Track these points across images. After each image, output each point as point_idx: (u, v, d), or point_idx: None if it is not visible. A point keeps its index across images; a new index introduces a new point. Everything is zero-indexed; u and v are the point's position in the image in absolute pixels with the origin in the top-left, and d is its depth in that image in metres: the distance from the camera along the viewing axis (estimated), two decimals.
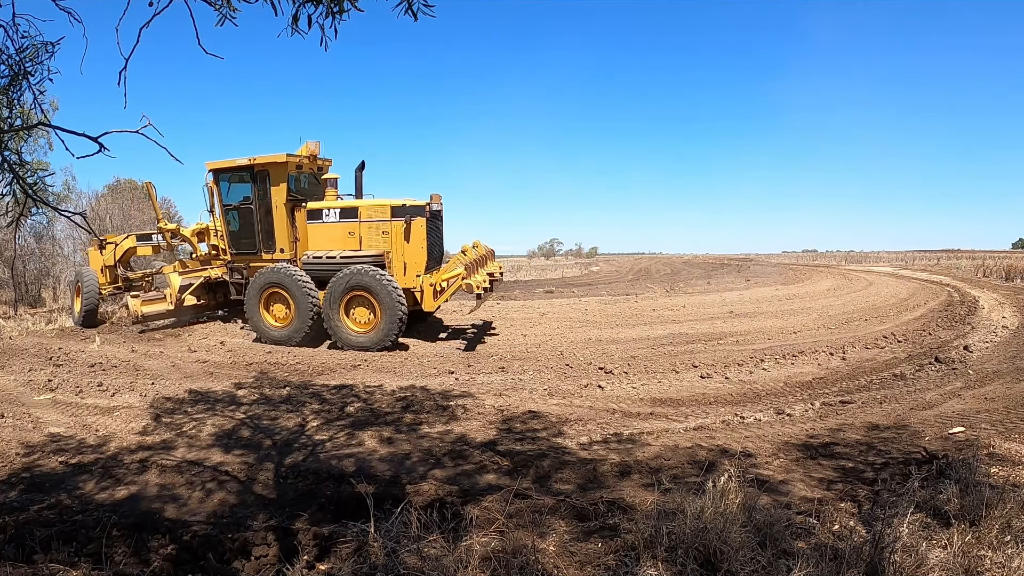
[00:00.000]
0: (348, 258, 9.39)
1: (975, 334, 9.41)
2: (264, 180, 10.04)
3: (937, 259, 40.75)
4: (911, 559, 2.57)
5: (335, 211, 9.74)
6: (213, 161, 10.36)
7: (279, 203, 10.04)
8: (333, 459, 4.57)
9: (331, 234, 9.73)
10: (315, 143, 10.32)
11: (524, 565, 2.67)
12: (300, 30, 2.40)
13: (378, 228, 9.52)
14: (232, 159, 10.19)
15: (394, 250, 9.45)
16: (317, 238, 9.85)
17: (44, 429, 5.51)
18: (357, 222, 9.61)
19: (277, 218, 10.11)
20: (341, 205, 9.83)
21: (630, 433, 5.14)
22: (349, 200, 10.23)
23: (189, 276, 11.20)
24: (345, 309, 9.24)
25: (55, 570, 2.78)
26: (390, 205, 9.51)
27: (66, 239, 20.07)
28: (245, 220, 10.55)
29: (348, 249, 9.58)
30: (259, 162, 9.92)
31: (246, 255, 10.67)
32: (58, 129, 2.44)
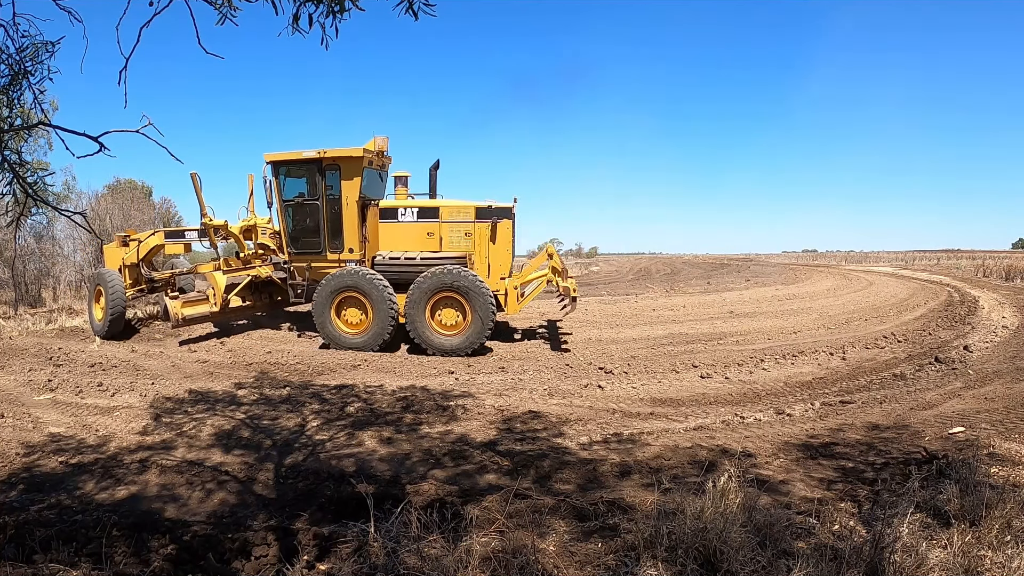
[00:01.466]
0: (429, 259, 9.04)
1: (975, 334, 9.40)
2: (334, 174, 9.32)
3: (937, 259, 40.77)
4: (911, 559, 2.57)
5: (412, 210, 9.34)
6: (273, 153, 9.51)
7: (350, 200, 9.29)
8: (333, 459, 4.57)
9: (407, 234, 9.36)
10: (383, 138, 9.66)
11: (524, 565, 2.66)
12: (301, 29, 2.40)
13: (460, 229, 9.28)
14: (296, 151, 9.46)
15: (477, 252, 9.27)
16: (390, 238, 9.43)
17: (44, 429, 5.51)
18: (438, 222, 9.29)
19: (347, 216, 9.34)
20: (420, 204, 9.46)
21: (630, 433, 5.13)
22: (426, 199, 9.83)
23: (235, 275, 10.39)
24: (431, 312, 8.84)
25: (55, 570, 2.78)
26: (474, 206, 9.31)
27: (66, 239, 20.08)
28: (308, 217, 9.71)
29: (427, 250, 9.23)
30: (330, 155, 9.20)
31: (308, 255, 9.81)
32: (58, 129, 2.44)
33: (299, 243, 9.85)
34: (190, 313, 9.73)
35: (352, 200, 9.29)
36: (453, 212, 9.33)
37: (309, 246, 9.77)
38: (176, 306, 9.48)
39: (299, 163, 9.48)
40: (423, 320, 8.76)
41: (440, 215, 9.33)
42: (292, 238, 9.87)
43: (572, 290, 9.14)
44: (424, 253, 9.18)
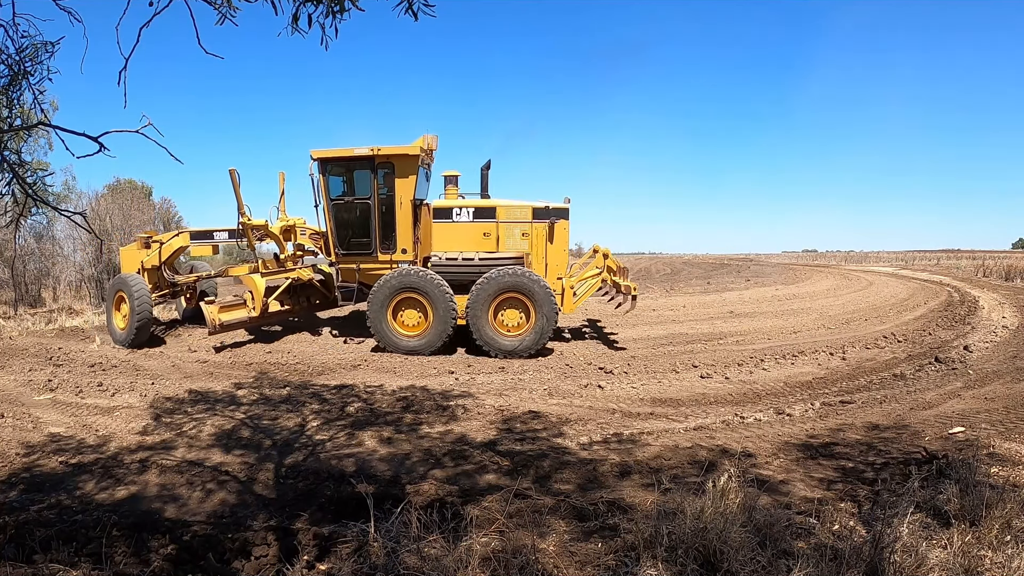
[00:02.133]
0: (488, 260, 8.98)
1: (975, 334, 9.40)
2: (388, 173, 9.10)
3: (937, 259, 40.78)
4: (911, 559, 2.57)
5: (468, 210, 9.18)
6: (320, 149, 9.14)
7: (404, 199, 9.06)
8: (333, 459, 4.57)
9: (462, 234, 9.21)
10: (432, 136, 9.33)
11: (524, 565, 2.66)
12: (300, 29, 2.40)
13: (518, 229, 9.23)
14: (346, 148, 9.15)
15: (534, 252, 9.25)
16: (444, 238, 9.24)
17: (44, 429, 5.51)
18: (495, 223, 9.20)
19: (401, 215, 9.12)
20: (476, 204, 9.33)
21: (630, 433, 5.13)
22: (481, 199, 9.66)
23: (273, 278, 9.96)
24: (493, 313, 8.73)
25: (55, 570, 2.78)
26: (532, 207, 9.30)
27: (66, 239, 20.06)
28: (358, 216, 9.41)
29: (483, 251, 9.17)
30: (384, 153, 8.95)
31: (357, 256, 9.45)
32: (58, 129, 2.44)
33: (348, 244, 9.48)
34: (228, 319, 9.29)
35: (406, 199, 9.10)
36: (510, 212, 9.27)
37: (359, 247, 9.44)
38: (213, 311, 9.07)
39: (349, 160, 9.20)
40: (486, 321, 8.62)
41: (497, 215, 9.23)
42: (340, 239, 9.48)
43: (633, 289, 9.21)
44: (482, 253, 9.12)
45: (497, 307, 8.72)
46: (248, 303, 9.64)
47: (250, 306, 9.60)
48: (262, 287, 9.53)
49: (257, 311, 9.53)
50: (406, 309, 8.89)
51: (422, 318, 8.84)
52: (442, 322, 8.62)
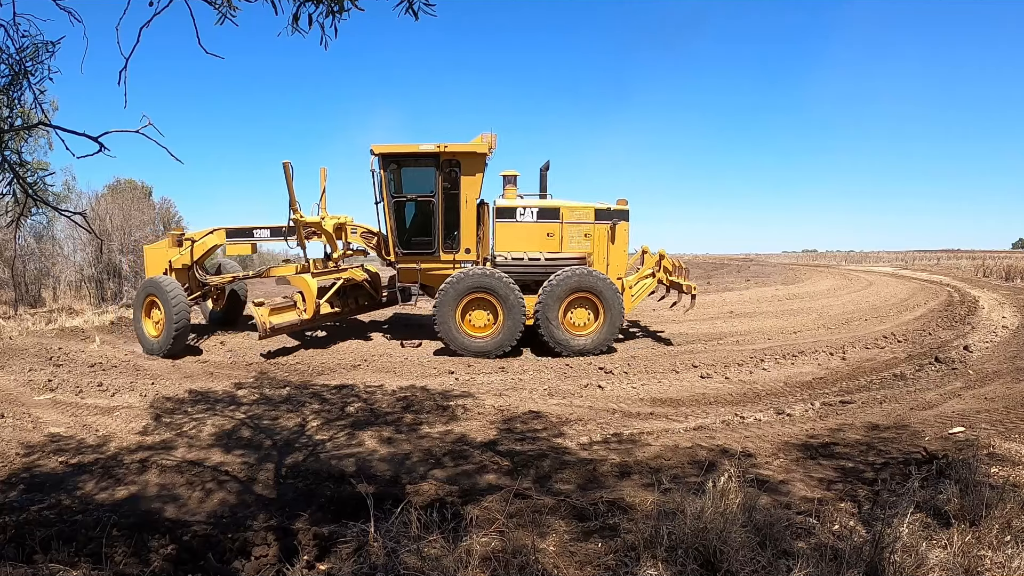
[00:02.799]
0: (553, 260, 9.00)
1: (975, 334, 9.40)
2: (453, 171, 8.93)
3: (937, 259, 40.76)
4: (911, 559, 2.57)
5: (532, 210, 9.15)
6: (383, 144, 8.90)
7: (470, 198, 8.97)
8: (333, 459, 4.57)
9: (525, 234, 9.17)
10: (492, 136, 9.09)
11: (524, 565, 2.66)
12: (300, 29, 2.40)
13: (580, 230, 9.26)
14: (410, 144, 8.98)
15: (596, 253, 9.28)
16: (507, 238, 9.16)
17: (44, 429, 5.51)
18: (559, 223, 9.19)
19: (465, 214, 9.01)
20: (540, 204, 9.30)
21: (630, 433, 5.13)
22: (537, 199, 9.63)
23: (323, 278, 9.52)
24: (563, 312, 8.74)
25: (55, 570, 2.78)
26: (594, 208, 9.33)
27: (66, 239, 20.05)
28: (421, 215, 9.25)
29: (547, 250, 9.17)
30: (451, 150, 8.78)
31: (418, 255, 9.26)
32: (58, 129, 2.44)
33: (409, 243, 9.27)
34: (278, 322, 8.81)
35: (472, 198, 9.00)
36: (574, 213, 9.27)
37: (420, 246, 9.25)
38: (263, 314, 8.61)
39: (414, 157, 9.03)
40: (557, 321, 8.61)
41: (561, 216, 9.21)
42: (401, 237, 9.24)
43: (692, 288, 9.35)
44: (546, 254, 9.11)
45: (566, 307, 8.74)
46: (298, 305, 9.15)
47: (301, 308, 9.10)
48: (314, 288, 9.05)
49: (309, 313, 9.03)
50: (475, 310, 8.72)
51: (491, 319, 8.73)
52: (514, 323, 8.55)
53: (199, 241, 9.94)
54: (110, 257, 20.23)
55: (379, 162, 8.92)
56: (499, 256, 9.05)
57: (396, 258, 9.32)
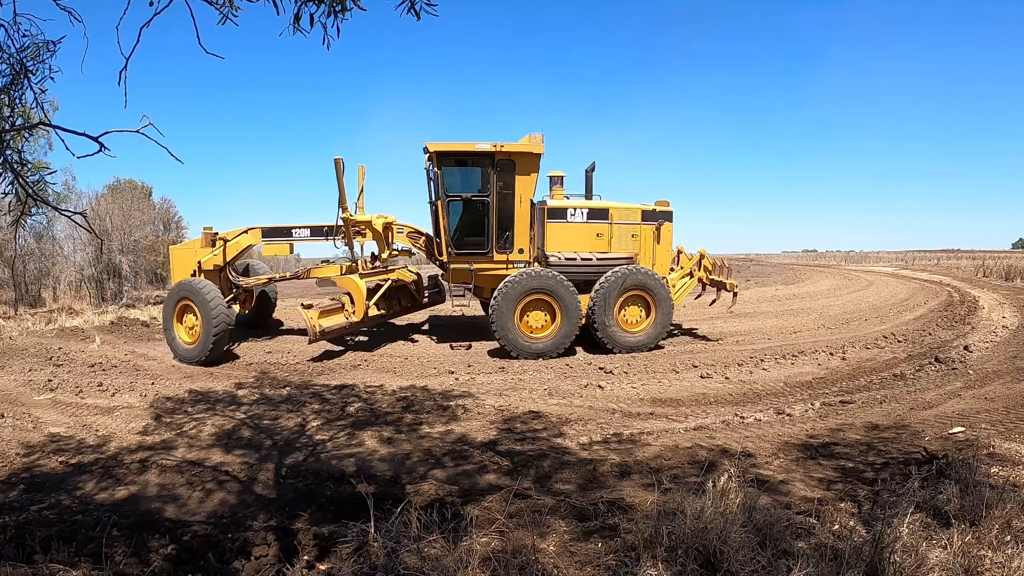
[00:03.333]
0: (605, 260, 9.12)
1: (975, 334, 9.40)
2: (509, 170, 8.90)
3: (937, 259, 40.77)
4: (911, 559, 2.57)
5: (582, 211, 9.28)
6: (438, 143, 8.82)
7: (525, 198, 8.98)
8: (333, 459, 4.57)
9: (576, 234, 9.26)
10: (539, 136, 9.07)
11: (524, 565, 2.66)
12: (302, 29, 2.40)
13: (628, 231, 9.41)
14: (465, 143, 8.90)
15: (642, 253, 9.47)
16: (558, 238, 9.22)
17: (44, 429, 5.51)
18: (608, 224, 9.32)
19: (520, 214, 9.01)
20: (589, 205, 9.45)
21: (630, 433, 5.13)
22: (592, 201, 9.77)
23: (372, 279, 9.28)
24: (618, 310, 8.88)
25: (55, 570, 2.78)
26: (641, 209, 9.53)
27: (66, 239, 20.04)
28: (474, 214, 9.16)
29: (596, 251, 9.28)
30: (506, 150, 8.76)
31: (471, 255, 9.17)
32: (59, 129, 2.44)
33: (462, 243, 9.17)
34: (328, 325, 8.53)
35: (526, 198, 9.03)
36: (622, 214, 9.42)
37: (473, 246, 9.17)
38: (313, 317, 8.31)
39: (469, 156, 8.96)
40: (612, 319, 8.74)
41: (610, 217, 9.35)
42: (455, 237, 9.15)
43: (734, 286, 9.85)
44: (597, 254, 9.22)
45: (620, 305, 8.87)
46: (346, 307, 8.91)
47: (349, 310, 8.86)
48: (364, 289, 8.83)
49: (359, 316, 8.79)
50: (532, 311, 8.73)
51: (548, 320, 8.76)
52: (571, 323, 8.62)
53: (232, 241, 9.39)
54: (110, 257, 20.23)
55: (434, 160, 8.83)
56: (552, 256, 9.07)
57: (449, 258, 9.17)
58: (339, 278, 9.24)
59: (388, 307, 9.93)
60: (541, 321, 8.74)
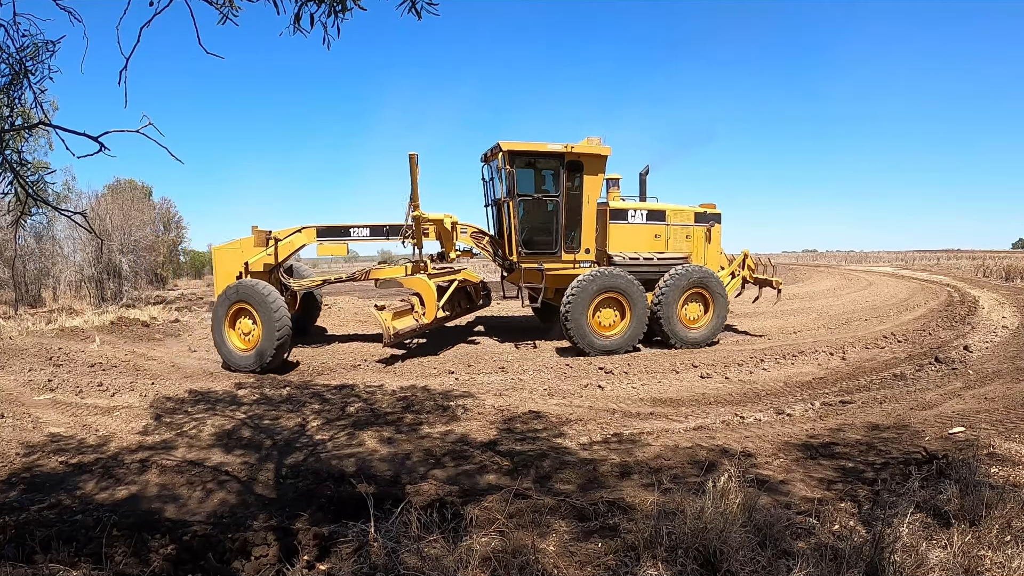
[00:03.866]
0: (665, 260, 9.49)
1: (975, 334, 9.40)
2: (577, 171, 9.07)
3: (937, 259, 40.78)
4: (911, 559, 2.57)
5: (641, 212, 9.65)
6: (512, 142, 8.85)
7: (592, 199, 9.20)
8: (334, 459, 4.57)
9: (635, 235, 9.59)
10: (597, 138, 9.23)
11: (524, 565, 2.66)
12: (302, 29, 2.40)
13: (682, 232, 9.85)
14: (537, 143, 9.00)
15: (695, 253, 9.92)
16: (619, 238, 9.52)
17: (44, 429, 5.51)
18: (665, 225, 9.74)
19: (587, 215, 9.22)
20: (648, 207, 9.81)
21: (630, 433, 5.13)
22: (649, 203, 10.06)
23: (439, 279, 9.09)
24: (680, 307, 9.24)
25: (55, 570, 2.77)
26: (694, 211, 9.98)
27: (66, 239, 20.05)
28: (545, 214, 9.24)
29: (654, 251, 9.64)
30: (576, 151, 8.94)
31: (541, 255, 9.24)
32: (58, 128, 2.44)
33: (531, 243, 9.24)
34: (401, 327, 8.29)
35: (593, 199, 9.22)
36: (677, 215, 9.85)
37: (542, 246, 9.26)
38: (387, 319, 8.09)
39: (540, 156, 9.08)
40: (675, 316, 9.08)
41: (667, 218, 9.76)
42: (524, 237, 9.19)
43: (779, 283, 10.56)
44: (657, 254, 9.59)
45: (683, 303, 9.24)
46: (416, 308, 8.71)
47: (419, 311, 8.65)
48: (434, 290, 8.63)
49: (429, 317, 8.55)
50: (603, 309, 8.92)
51: (618, 317, 8.98)
52: (639, 320, 8.87)
53: (284, 241, 8.86)
54: (110, 257, 20.23)
55: (507, 159, 8.86)
56: (616, 256, 9.35)
57: (519, 258, 9.20)
58: (407, 279, 9.00)
59: (451, 308, 9.76)
60: (611, 319, 8.96)
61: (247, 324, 8.17)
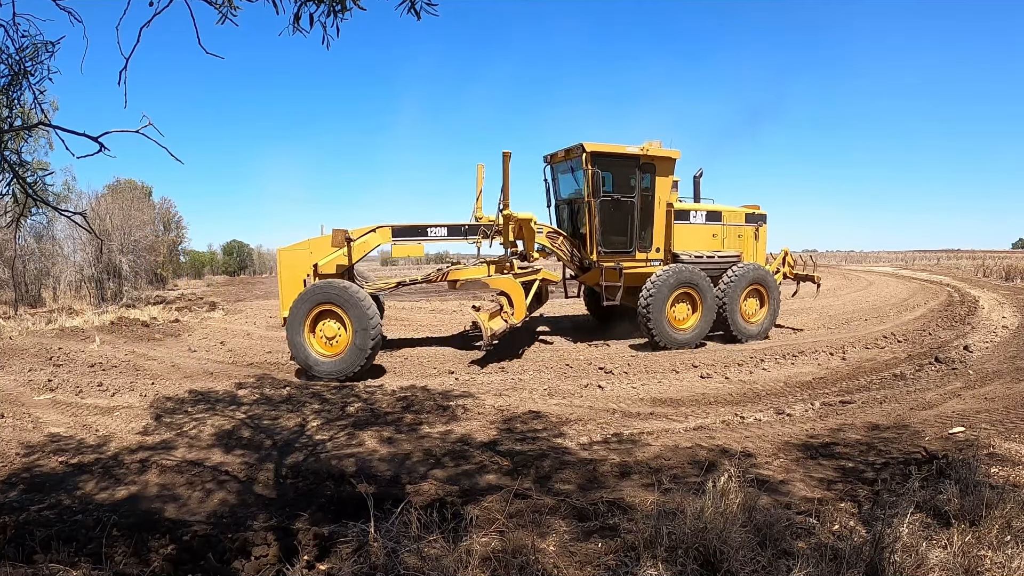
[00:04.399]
0: (724, 258, 10.06)
1: (975, 334, 9.41)
2: (651, 173, 9.45)
3: (937, 259, 40.78)
4: (911, 559, 2.57)
5: (701, 213, 10.13)
6: (595, 143, 9.05)
7: (662, 199, 9.67)
8: (333, 459, 4.57)
9: (696, 235, 10.01)
10: (657, 142, 9.51)
11: (524, 565, 2.66)
12: (302, 29, 2.40)
13: (735, 231, 10.39)
14: (616, 144, 9.24)
15: (745, 251, 10.47)
16: (682, 238, 9.92)
17: (44, 429, 5.51)
18: (721, 225, 10.23)
19: (658, 215, 9.70)
20: (707, 208, 10.27)
21: (630, 433, 5.13)
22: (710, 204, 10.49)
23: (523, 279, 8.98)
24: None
25: (55, 570, 2.77)
26: (744, 212, 10.53)
27: (66, 239, 20.05)
28: (621, 214, 9.48)
29: (712, 250, 10.12)
30: (650, 153, 9.32)
31: (618, 254, 9.52)
32: (58, 129, 2.44)
33: (609, 242, 9.49)
34: (497, 328, 8.13)
35: (664, 200, 9.68)
36: (731, 216, 10.39)
37: (619, 245, 9.56)
38: (484, 319, 7.97)
39: (618, 158, 9.31)
40: (738, 311, 9.69)
41: (723, 219, 10.28)
42: (604, 236, 9.42)
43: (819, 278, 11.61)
44: (716, 252, 10.12)
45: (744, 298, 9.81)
46: (505, 309, 8.54)
47: (508, 312, 8.47)
48: (523, 290, 8.63)
49: (519, 317, 8.45)
50: (677, 304, 9.31)
51: (690, 312, 9.43)
52: (709, 315, 9.35)
53: (358, 241, 8.38)
54: (110, 257, 20.23)
55: (590, 160, 9.01)
56: (683, 255, 9.76)
57: (599, 257, 9.42)
58: (494, 279, 8.87)
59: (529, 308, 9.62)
60: (685, 313, 9.41)
61: (331, 328, 7.61)
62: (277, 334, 10.76)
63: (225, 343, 9.91)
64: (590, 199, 9.07)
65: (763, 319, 9.99)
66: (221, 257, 42.19)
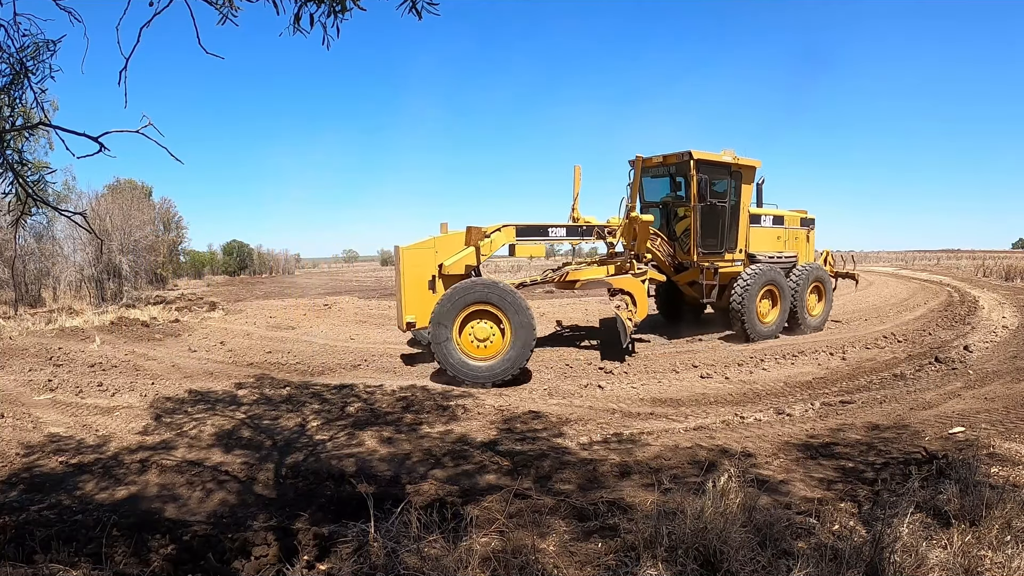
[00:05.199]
0: (789, 259, 10.96)
1: (975, 334, 9.41)
2: (738, 179, 10.08)
3: (937, 259, 40.79)
4: (911, 559, 2.57)
5: (769, 218, 11.02)
6: (701, 151, 9.59)
7: (746, 204, 10.36)
8: (333, 459, 4.57)
9: (765, 237, 10.86)
10: (731, 150, 10.05)
11: (524, 565, 2.66)
12: (302, 29, 2.40)
13: (793, 234, 11.38)
14: (715, 152, 9.82)
15: (800, 252, 11.41)
16: (755, 240, 10.65)
17: (44, 429, 5.51)
18: (784, 228, 11.23)
19: (743, 218, 10.34)
20: (774, 213, 11.16)
21: (630, 433, 5.13)
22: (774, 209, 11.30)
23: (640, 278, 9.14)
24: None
25: (55, 570, 2.77)
26: (800, 216, 11.55)
27: (66, 239, 20.03)
28: (715, 218, 10.02)
29: (777, 251, 10.96)
30: (740, 162, 10.00)
31: (712, 255, 10.09)
32: (59, 129, 2.44)
33: (706, 244, 10.04)
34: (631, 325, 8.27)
35: (747, 204, 10.40)
36: (791, 220, 11.39)
37: (713, 246, 10.15)
38: (626, 316, 8.09)
39: (716, 165, 9.85)
40: (805, 307, 10.59)
41: (785, 222, 11.24)
42: (703, 238, 9.93)
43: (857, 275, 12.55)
44: (781, 253, 11.00)
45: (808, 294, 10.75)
46: (628, 307, 8.59)
47: (631, 311, 8.54)
48: (645, 289, 8.93)
49: (641, 315, 8.73)
50: (761, 300, 10.08)
51: (770, 307, 10.26)
52: (786, 310, 10.34)
53: (487, 238, 8.10)
54: (110, 257, 20.22)
55: (696, 167, 9.56)
56: (759, 255, 10.53)
57: (698, 258, 9.98)
58: (618, 279, 9.02)
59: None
60: (767, 308, 10.19)
61: (483, 329, 7.21)
62: (277, 334, 10.77)
63: (225, 343, 9.91)
64: (696, 203, 9.59)
65: (821, 312, 11.02)
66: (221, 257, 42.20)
